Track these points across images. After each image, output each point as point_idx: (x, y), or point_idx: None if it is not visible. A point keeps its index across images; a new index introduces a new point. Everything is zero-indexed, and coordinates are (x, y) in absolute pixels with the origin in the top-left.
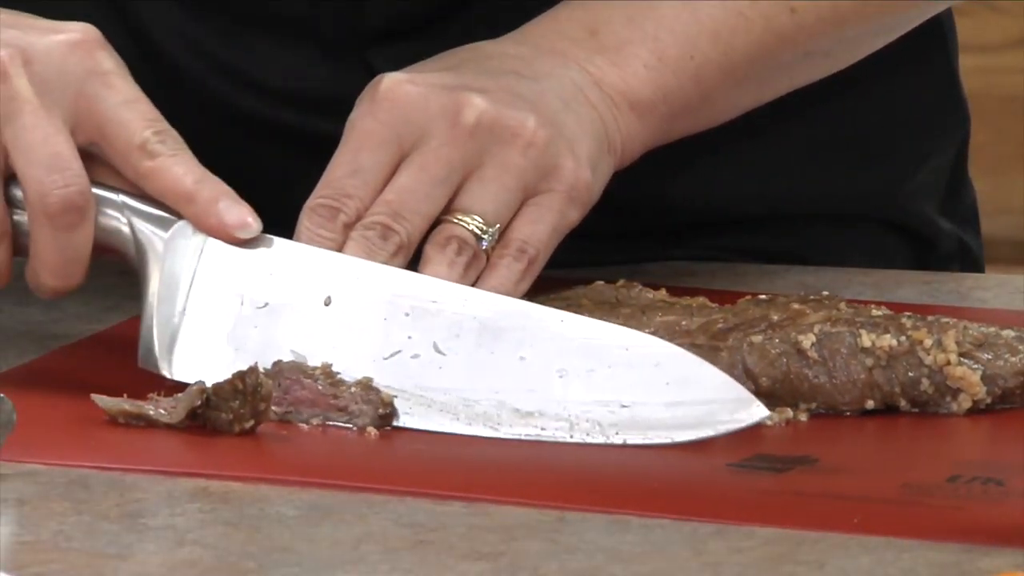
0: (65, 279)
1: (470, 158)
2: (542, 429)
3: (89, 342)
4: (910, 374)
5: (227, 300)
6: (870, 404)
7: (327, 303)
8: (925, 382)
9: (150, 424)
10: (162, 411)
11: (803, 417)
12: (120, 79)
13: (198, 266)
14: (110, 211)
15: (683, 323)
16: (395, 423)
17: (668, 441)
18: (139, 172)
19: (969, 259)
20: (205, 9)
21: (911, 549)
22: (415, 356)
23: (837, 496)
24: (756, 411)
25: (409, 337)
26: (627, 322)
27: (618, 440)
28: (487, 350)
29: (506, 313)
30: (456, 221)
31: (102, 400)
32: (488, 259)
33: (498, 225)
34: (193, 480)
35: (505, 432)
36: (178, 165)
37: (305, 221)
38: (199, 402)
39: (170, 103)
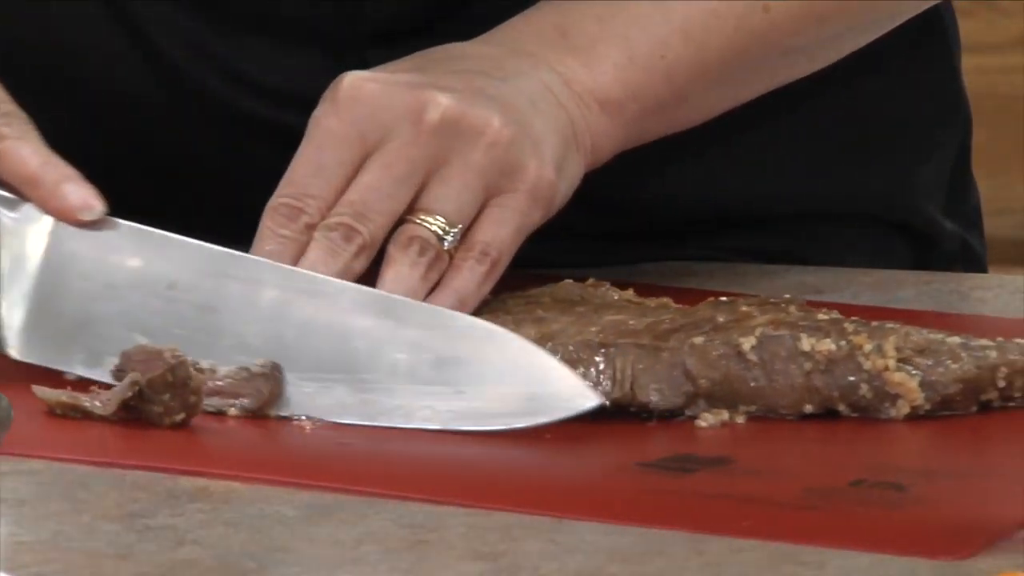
0: None
1: (434, 156)
2: (380, 413)
3: None
4: (849, 379)
5: (75, 282)
6: (808, 408)
7: (171, 287)
8: (864, 387)
9: (85, 415)
10: (97, 403)
11: (740, 419)
12: None
13: (46, 248)
14: None
15: (631, 323)
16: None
17: (504, 428)
18: None
19: (972, 260)
20: (205, 10)
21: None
22: (255, 342)
23: (736, 498)
24: (590, 399)
25: (248, 324)
26: (579, 320)
27: (455, 427)
28: (327, 338)
29: (347, 300)
30: (419, 222)
31: (41, 391)
32: (451, 259)
33: (460, 226)
34: (193, 480)
35: (345, 419)
36: (23, 147)
37: (267, 221)
38: (131, 394)
39: (169, 103)
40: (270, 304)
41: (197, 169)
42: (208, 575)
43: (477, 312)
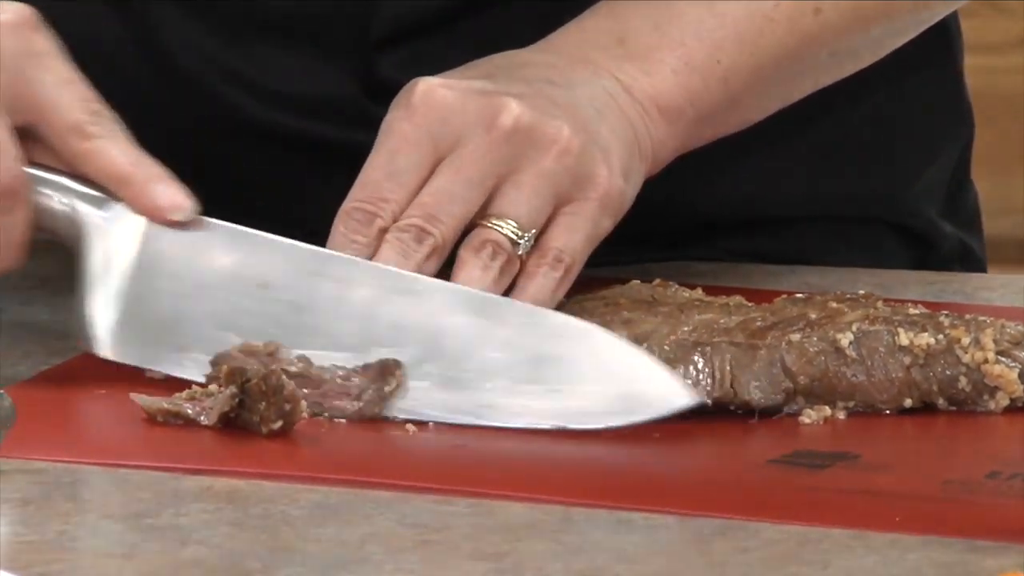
0: (3, 261)
1: (505, 162)
2: (473, 413)
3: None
4: (948, 372)
5: (165, 282)
6: (908, 403)
7: (263, 286)
8: (963, 380)
9: (187, 423)
10: (199, 409)
11: (841, 415)
12: (55, 60)
13: (137, 247)
14: (48, 191)
15: (721, 321)
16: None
17: (602, 427)
18: (75, 154)
19: (971, 260)
20: (212, 14)
21: (916, 548)
22: (348, 341)
23: (878, 493)
24: (687, 397)
25: (341, 322)
26: (665, 320)
27: (547, 425)
28: (420, 336)
29: (439, 299)
30: (491, 225)
31: (141, 399)
32: (522, 265)
33: (533, 231)
34: (197, 479)
35: (438, 418)
36: (113, 147)
37: (340, 226)
38: (227, 408)
39: (176, 108)
40: (362, 303)
41: (203, 172)
42: (213, 575)
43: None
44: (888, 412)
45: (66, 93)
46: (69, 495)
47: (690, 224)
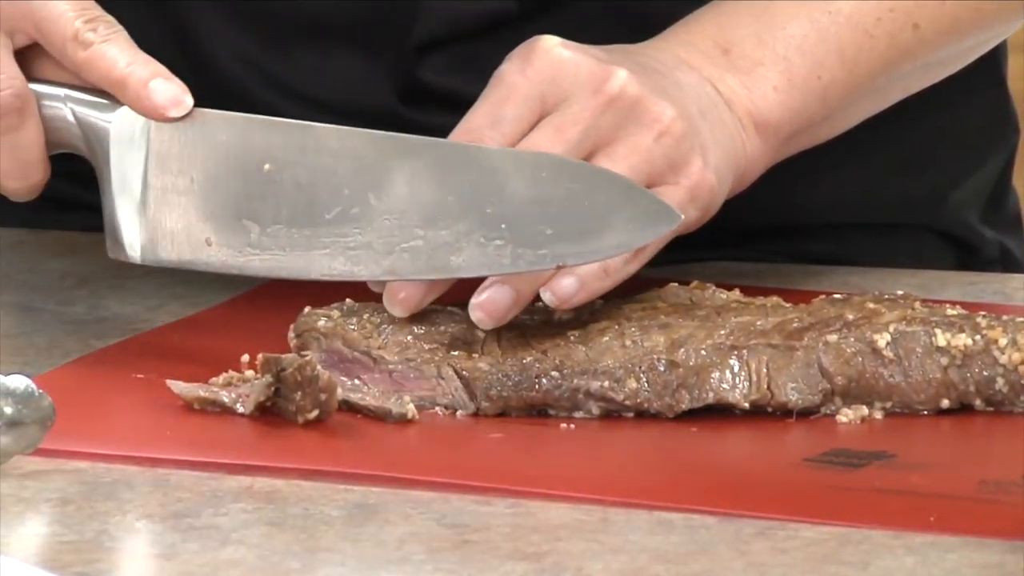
0: (24, 179)
1: (605, 129)
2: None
3: (132, 342)
4: (985, 373)
5: (178, 179)
6: (945, 403)
7: (267, 171)
8: (1000, 381)
9: (224, 410)
10: (235, 397)
11: (879, 415)
12: None
13: (147, 148)
14: (54, 104)
15: (758, 323)
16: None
17: (602, 257)
18: (76, 63)
19: (1012, 264)
20: (254, 19)
21: (955, 549)
22: (354, 209)
23: (914, 493)
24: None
25: (347, 192)
26: (702, 324)
27: (551, 264)
28: (428, 191)
29: (439, 157)
30: None
31: (177, 386)
32: None
33: None
34: (237, 479)
35: (458, 266)
36: (110, 50)
37: None
38: (263, 398)
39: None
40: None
41: None
42: (252, 575)
43: (596, 321)
44: (925, 413)
45: (60, 4)
46: (108, 495)
47: (732, 229)
